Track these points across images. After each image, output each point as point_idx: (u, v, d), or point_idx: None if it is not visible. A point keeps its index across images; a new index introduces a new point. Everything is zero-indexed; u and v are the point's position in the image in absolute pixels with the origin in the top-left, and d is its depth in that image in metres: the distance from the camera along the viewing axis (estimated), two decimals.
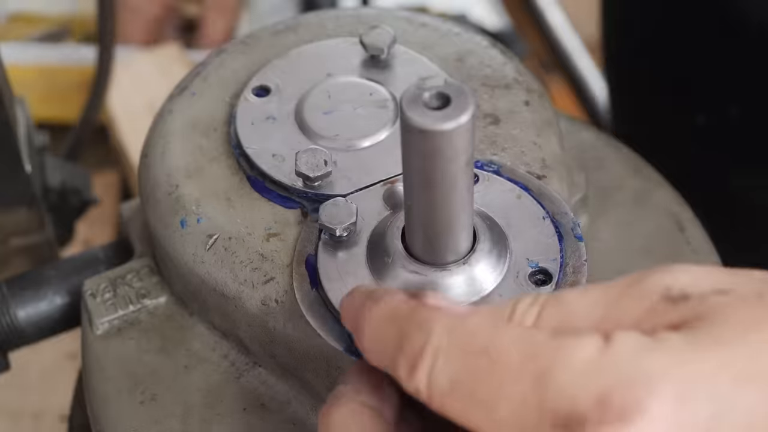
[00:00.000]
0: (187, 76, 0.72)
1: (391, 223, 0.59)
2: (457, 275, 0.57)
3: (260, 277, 0.61)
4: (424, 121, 0.50)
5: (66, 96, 1.32)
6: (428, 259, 0.57)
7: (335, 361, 0.58)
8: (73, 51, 1.39)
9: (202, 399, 0.63)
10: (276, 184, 0.64)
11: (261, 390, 0.63)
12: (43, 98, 1.35)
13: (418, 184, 0.54)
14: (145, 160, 0.69)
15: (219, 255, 0.62)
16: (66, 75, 1.34)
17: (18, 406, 1.03)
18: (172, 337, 0.66)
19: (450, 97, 0.51)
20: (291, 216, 0.63)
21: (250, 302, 0.61)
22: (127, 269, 0.70)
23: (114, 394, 0.64)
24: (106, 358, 0.66)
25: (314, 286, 0.59)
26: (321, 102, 0.67)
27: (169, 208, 0.65)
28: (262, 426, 0.61)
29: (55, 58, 1.37)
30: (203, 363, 0.64)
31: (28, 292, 0.74)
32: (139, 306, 0.68)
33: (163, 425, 0.62)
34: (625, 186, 0.73)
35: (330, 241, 0.60)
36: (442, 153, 0.51)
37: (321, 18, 0.75)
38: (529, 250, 0.58)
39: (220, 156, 0.66)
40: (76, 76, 1.16)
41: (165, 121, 0.69)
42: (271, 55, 0.71)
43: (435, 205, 0.54)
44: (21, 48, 1.40)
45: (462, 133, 0.51)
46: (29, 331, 0.74)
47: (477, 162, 0.63)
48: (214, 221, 0.63)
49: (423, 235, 0.56)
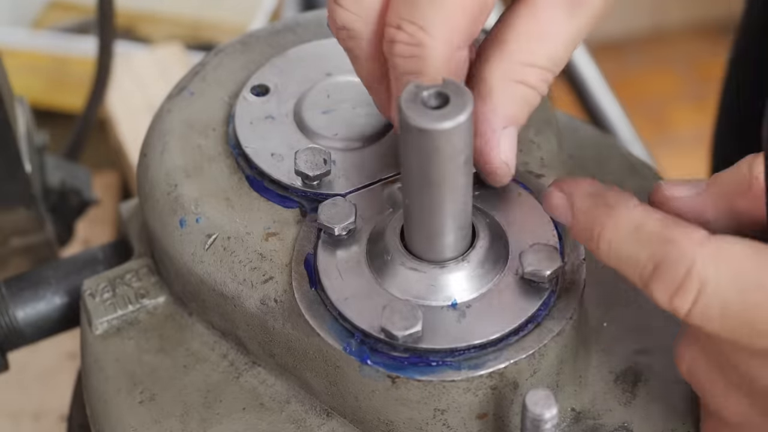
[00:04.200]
0: (186, 75, 0.72)
1: (390, 221, 0.59)
2: (457, 272, 0.57)
3: (259, 276, 0.61)
4: (422, 120, 0.50)
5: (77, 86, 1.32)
6: (428, 256, 0.57)
7: (334, 361, 0.58)
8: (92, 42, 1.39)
9: (201, 398, 0.63)
10: (275, 184, 0.64)
11: (260, 389, 0.63)
12: (55, 86, 1.36)
13: (417, 183, 0.54)
14: (144, 159, 0.69)
15: (218, 254, 0.62)
16: (80, 66, 1.34)
17: (18, 406, 1.03)
18: (171, 336, 0.66)
19: (449, 97, 0.51)
20: (290, 215, 0.63)
21: (249, 302, 0.61)
22: (126, 269, 0.70)
23: (113, 394, 0.64)
24: (106, 358, 0.66)
25: (313, 286, 0.59)
26: (320, 101, 0.67)
27: (168, 207, 0.65)
28: (262, 425, 0.61)
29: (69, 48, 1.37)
30: (202, 362, 0.64)
31: (27, 293, 0.74)
32: (138, 306, 0.68)
33: (162, 425, 0.62)
34: (623, 185, 0.73)
35: (329, 240, 0.60)
36: (440, 152, 0.51)
37: (320, 17, 0.75)
38: (528, 248, 0.58)
39: (219, 155, 0.66)
40: (90, 67, 1.17)
41: (164, 121, 0.69)
42: (269, 55, 0.71)
43: (434, 204, 0.54)
44: (34, 35, 1.40)
45: (461, 133, 0.51)
46: (28, 332, 0.74)
47: None
48: (213, 221, 0.63)
49: (422, 233, 0.56)
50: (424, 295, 0.57)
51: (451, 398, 0.56)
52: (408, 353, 0.56)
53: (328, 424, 0.60)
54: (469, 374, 0.55)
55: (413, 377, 0.55)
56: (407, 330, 0.55)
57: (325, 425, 0.60)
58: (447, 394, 0.56)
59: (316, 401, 0.61)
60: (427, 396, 0.56)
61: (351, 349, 0.56)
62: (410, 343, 0.55)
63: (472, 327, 0.56)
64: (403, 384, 0.56)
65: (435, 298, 0.57)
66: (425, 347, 0.56)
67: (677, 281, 0.50)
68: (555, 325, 0.57)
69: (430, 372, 0.55)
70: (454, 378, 0.55)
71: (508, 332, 0.56)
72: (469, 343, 0.56)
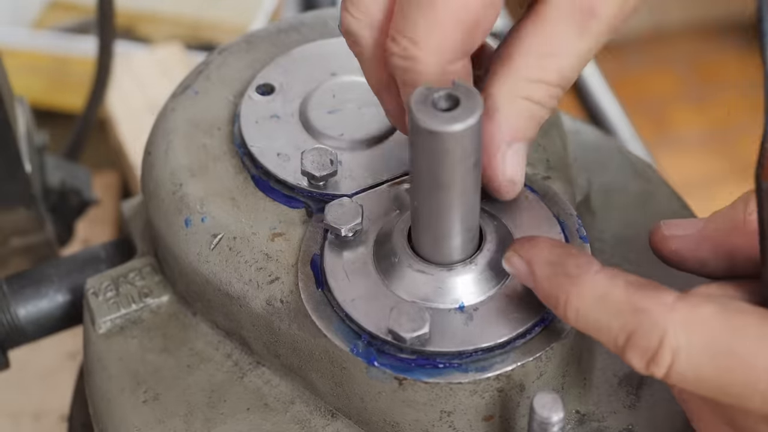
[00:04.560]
0: (190, 74, 0.72)
1: (398, 223, 0.59)
2: (464, 275, 0.57)
3: (265, 276, 0.61)
4: (433, 122, 0.50)
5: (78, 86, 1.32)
6: (435, 259, 0.57)
7: (340, 362, 0.57)
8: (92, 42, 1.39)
9: (205, 398, 0.62)
10: (281, 184, 0.64)
11: (264, 390, 0.62)
12: (56, 86, 1.36)
13: (425, 185, 0.53)
14: (149, 158, 0.68)
15: (223, 254, 0.62)
16: (80, 66, 1.34)
17: (18, 406, 1.03)
18: (174, 336, 0.66)
19: (459, 99, 0.51)
20: (296, 216, 0.63)
21: (254, 302, 0.61)
22: (129, 268, 0.69)
23: (116, 394, 0.64)
24: (109, 357, 0.65)
25: (320, 287, 0.59)
26: (325, 101, 0.67)
27: (173, 206, 0.65)
28: (266, 426, 0.61)
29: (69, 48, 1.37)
30: (206, 362, 0.64)
31: (29, 290, 0.74)
32: (141, 305, 0.67)
33: (166, 425, 0.62)
34: (627, 187, 0.73)
35: (336, 241, 0.60)
36: (450, 154, 0.51)
37: (324, 17, 0.75)
38: None
39: (224, 155, 0.66)
40: (90, 67, 1.16)
41: (168, 120, 0.69)
42: (274, 54, 0.71)
43: (442, 206, 0.54)
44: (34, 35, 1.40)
45: (470, 135, 0.51)
46: (30, 329, 0.74)
47: None
48: (219, 220, 0.63)
49: (430, 235, 0.56)
50: (432, 297, 0.57)
51: (458, 400, 0.56)
52: (415, 355, 0.56)
53: (333, 425, 0.60)
54: (476, 376, 0.55)
55: (420, 379, 0.55)
56: (415, 332, 0.55)
57: (329, 426, 0.60)
58: (454, 396, 0.56)
59: (321, 402, 0.61)
60: (433, 398, 0.56)
61: (358, 350, 0.56)
62: (417, 345, 0.55)
63: (480, 330, 0.56)
64: (409, 386, 0.56)
65: (442, 300, 0.57)
66: (432, 349, 0.55)
67: (651, 351, 0.50)
68: (562, 328, 0.57)
69: (437, 374, 0.55)
70: (461, 380, 0.55)
71: (516, 335, 0.56)
72: (476, 346, 0.56)
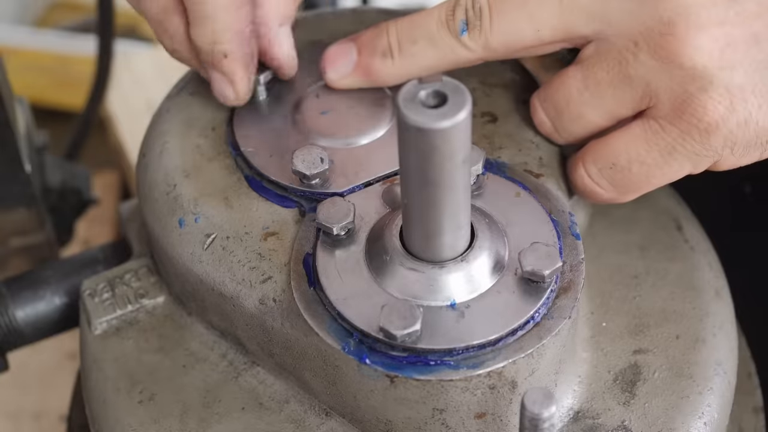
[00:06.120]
0: (185, 75, 0.72)
1: (389, 221, 0.59)
2: (456, 272, 0.57)
3: (258, 276, 0.61)
4: (421, 119, 0.50)
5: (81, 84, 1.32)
6: (426, 256, 0.57)
7: (332, 360, 0.58)
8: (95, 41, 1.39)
9: (200, 398, 0.63)
10: (273, 184, 0.64)
11: (259, 389, 0.63)
12: (59, 84, 1.36)
13: (415, 183, 0.54)
14: (143, 159, 0.69)
15: (217, 254, 0.62)
16: (83, 64, 1.34)
17: (18, 406, 1.03)
18: (170, 336, 0.66)
19: (447, 96, 0.51)
20: (289, 215, 0.63)
21: (248, 301, 0.61)
22: (125, 269, 0.70)
23: (112, 394, 0.64)
24: (105, 358, 0.66)
25: (312, 285, 0.59)
26: (317, 101, 0.67)
27: (167, 207, 0.65)
28: (261, 425, 0.61)
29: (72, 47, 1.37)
30: (201, 362, 0.64)
31: (27, 293, 0.74)
32: (137, 306, 0.68)
33: (161, 425, 0.62)
34: None
35: (328, 240, 0.60)
36: (439, 151, 0.51)
37: (319, 17, 0.75)
38: (527, 248, 0.58)
39: (217, 155, 0.66)
40: (93, 66, 1.17)
41: (163, 121, 0.69)
42: None
43: (432, 203, 0.54)
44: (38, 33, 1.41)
45: (459, 132, 0.51)
46: (28, 332, 0.74)
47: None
48: (212, 220, 0.63)
49: (421, 233, 0.56)
50: (423, 295, 0.57)
51: (450, 397, 0.56)
52: (406, 353, 0.56)
53: (327, 424, 0.60)
54: (467, 374, 0.55)
55: (412, 376, 0.55)
56: (406, 329, 0.55)
57: (324, 425, 0.60)
58: (445, 394, 0.56)
59: (315, 401, 0.61)
60: (425, 395, 0.56)
61: (349, 348, 0.56)
62: (409, 343, 0.55)
63: (471, 327, 0.56)
64: (401, 383, 0.56)
65: (434, 298, 0.57)
66: (424, 347, 0.55)
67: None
68: (554, 325, 0.57)
69: (429, 371, 0.55)
70: (452, 377, 0.55)
71: (507, 332, 0.56)
72: (467, 343, 0.56)
